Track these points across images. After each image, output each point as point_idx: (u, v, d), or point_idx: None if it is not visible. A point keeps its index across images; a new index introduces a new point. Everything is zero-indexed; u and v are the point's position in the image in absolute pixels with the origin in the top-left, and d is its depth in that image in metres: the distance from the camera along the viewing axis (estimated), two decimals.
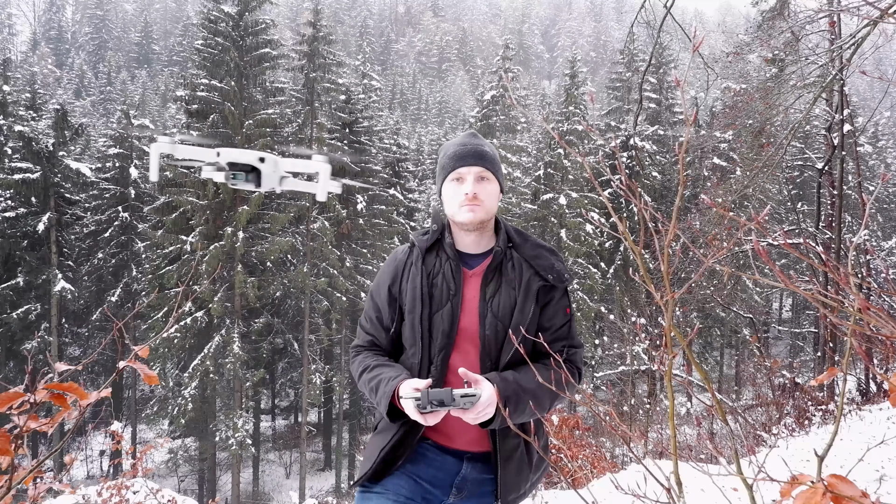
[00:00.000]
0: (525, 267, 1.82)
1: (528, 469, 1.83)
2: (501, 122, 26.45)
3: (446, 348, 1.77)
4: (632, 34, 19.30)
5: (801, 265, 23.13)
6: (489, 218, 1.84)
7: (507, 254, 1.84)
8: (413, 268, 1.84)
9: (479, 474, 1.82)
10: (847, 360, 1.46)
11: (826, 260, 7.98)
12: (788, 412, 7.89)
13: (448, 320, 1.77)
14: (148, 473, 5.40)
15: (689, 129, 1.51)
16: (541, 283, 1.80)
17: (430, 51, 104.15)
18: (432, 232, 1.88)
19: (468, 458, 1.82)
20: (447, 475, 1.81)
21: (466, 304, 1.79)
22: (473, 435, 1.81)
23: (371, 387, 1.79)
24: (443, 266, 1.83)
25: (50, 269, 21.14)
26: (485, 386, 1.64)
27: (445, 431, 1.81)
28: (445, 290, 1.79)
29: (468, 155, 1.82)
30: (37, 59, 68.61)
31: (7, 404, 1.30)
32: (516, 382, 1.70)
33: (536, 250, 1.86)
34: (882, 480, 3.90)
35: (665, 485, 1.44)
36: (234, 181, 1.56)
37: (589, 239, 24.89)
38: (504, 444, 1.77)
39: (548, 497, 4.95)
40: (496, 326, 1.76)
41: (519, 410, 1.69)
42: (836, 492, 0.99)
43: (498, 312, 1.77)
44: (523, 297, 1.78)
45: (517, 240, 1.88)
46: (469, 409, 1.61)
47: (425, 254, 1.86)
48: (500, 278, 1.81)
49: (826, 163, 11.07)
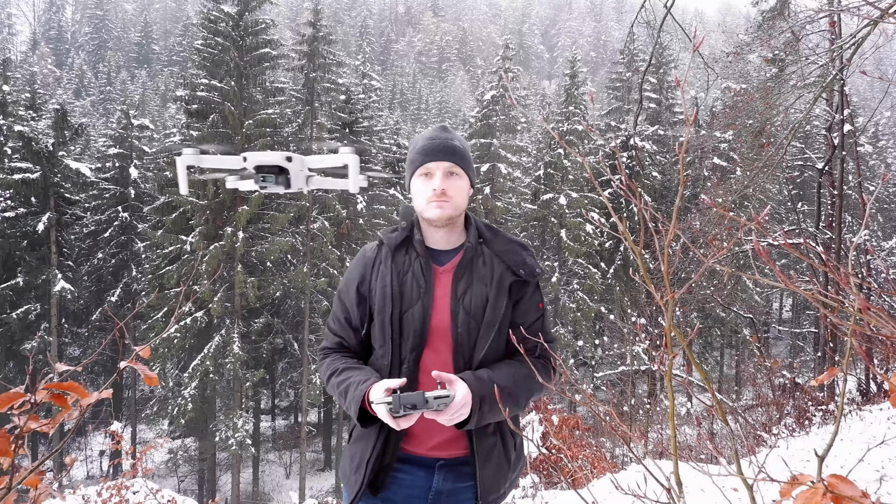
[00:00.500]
0: (497, 262, 1.78)
1: (506, 468, 1.79)
2: (501, 122, 26.44)
3: (418, 348, 1.71)
4: (632, 34, 19.30)
5: (801, 265, 23.14)
6: (458, 214, 1.81)
7: (478, 249, 1.80)
8: (382, 266, 1.79)
9: (454, 484, 1.76)
10: (847, 361, 1.46)
11: (826, 260, 7.99)
12: (789, 412, 7.89)
13: (419, 319, 1.71)
14: (148, 474, 5.40)
15: (689, 129, 1.51)
16: (513, 278, 1.77)
17: (430, 51, 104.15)
18: (401, 229, 1.84)
19: (440, 465, 1.76)
20: (420, 491, 1.75)
21: (438, 301, 1.74)
22: (447, 437, 1.75)
23: (340, 391, 1.72)
24: (412, 263, 1.78)
25: (50, 269, 21.13)
26: (459, 386, 1.60)
27: (418, 435, 1.75)
28: (416, 288, 1.74)
29: (437, 150, 1.76)
30: (36, 59, 68.61)
31: (7, 405, 1.29)
32: (491, 381, 1.65)
33: (508, 245, 1.82)
34: (882, 481, 3.90)
35: (665, 485, 1.44)
36: (264, 184, 1.53)
37: (589, 239, 24.89)
38: (481, 444, 1.73)
39: (548, 497, 4.95)
40: (468, 323, 1.71)
41: (495, 409, 1.64)
42: (837, 492, 0.99)
43: (470, 309, 1.72)
44: (496, 292, 1.74)
45: (488, 235, 1.84)
46: (443, 411, 1.56)
47: (395, 251, 1.81)
48: (471, 274, 1.76)
49: (826, 163, 11.08)
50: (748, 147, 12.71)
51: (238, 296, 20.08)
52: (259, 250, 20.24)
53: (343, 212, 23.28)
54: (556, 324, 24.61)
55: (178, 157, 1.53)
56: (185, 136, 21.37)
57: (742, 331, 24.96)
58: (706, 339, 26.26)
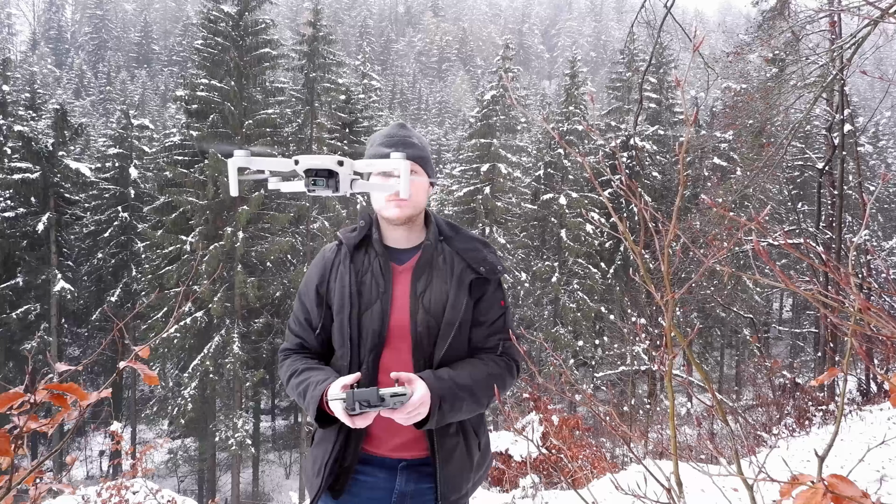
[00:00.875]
0: (457, 260, 1.76)
1: (469, 468, 1.76)
2: (501, 122, 26.45)
3: (377, 348, 1.69)
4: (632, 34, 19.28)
5: (801, 265, 23.13)
6: (418, 212, 1.79)
7: (437, 247, 1.78)
8: (341, 266, 1.77)
9: (417, 484, 1.74)
10: (847, 361, 1.46)
11: (826, 260, 7.98)
12: (789, 412, 7.89)
13: (378, 319, 1.69)
14: (147, 474, 5.40)
15: (689, 129, 1.51)
16: (473, 275, 1.74)
17: (430, 51, 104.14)
18: (360, 228, 1.82)
19: (402, 467, 1.74)
20: (383, 493, 1.73)
21: (397, 300, 1.72)
22: (408, 437, 1.73)
23: (299, 392, 1.70)
24: (371, 263, 1.76)
25: (49, 269, 21.14)
26: (417, 385, 1.58)
27: (378, 435, 1.73)
28: (374, 288, 1.72)
29: (394, 147, 1.73)
30: (36, 59, 68.61)
31: (7, 405, 1.29)
32: (451, 380, 1.63)
33: (469, 243, 1.80)
34: (883, 481, 3.90)
35: (665, 485, 1.44)
36: (314, 188, 1.55)
37: (589, 239, 24.89)
38: (443, 444, 1.70)
39: (548, 497, 4.95)
40: (428, 322, 1.69)
41: (455, 408, 1.62)
42: (837, 492, 0.99)
43: (430, 307, 1.70)
44: (456, 290, 1.72)
45: (448, 233, 1.82)
46: (399, 409, 1.53)
47: (354, 251, 1.79)
48: (431, 272, 1.74)
49: (826, 163, 11.08)
50: (748, 147, 12.72)
51: (238, 296, 20.08)
52: (259, 250, 20.23)
53: (343, 212, 23.29)
54: (556, 324, 24.62)
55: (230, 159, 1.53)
56: (185, 136, 21.38)
57: (742, 331, 24.97)
58: (706, 339, 26.26)
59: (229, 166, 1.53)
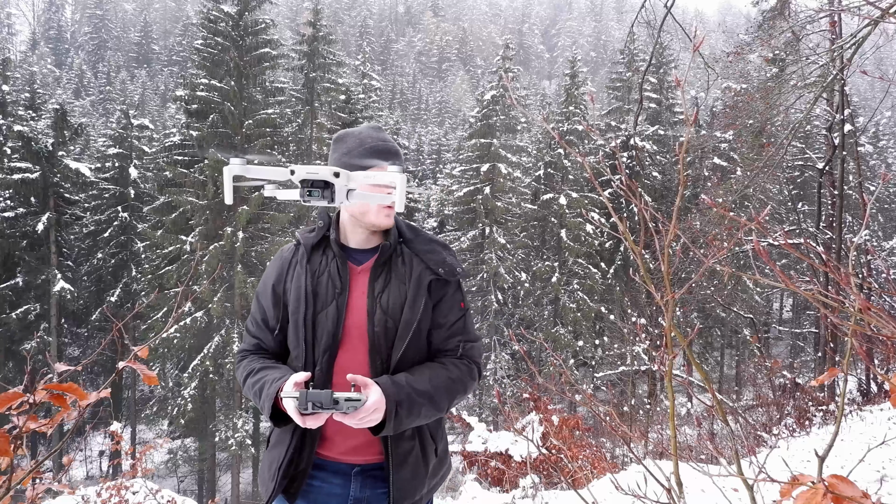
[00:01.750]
0: (416, 262, 1.75)
1: (423, 473, 1.73)
2: (501, 122, 26.46)
3: (331, 349, 1.67)
4: (632, 34, 19.28)
5: (801, 265, 23.13)
6: None
7: (397, 249, 1.77)
8: (298, 266, 1.76)
9: (371, 490, 1.72)
10: (848, 361, 1.46)
11: (827, 260, 7.98)
12: (789, 412, 7.89)
13: (333, 320, 1.68)
14: (147, 474, 5.40)
15: (689, 129, 1.51)
16: (432, 276, 1.73)
17: (430, 51, 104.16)
18: (318, 229, 1.80)
19: (356, 472, 1.71)
20: (338, 500, 1.71)
21: (354, 301, 1.71)
22: (362, 441, 1.70)
23: (255, 391, 1.68)
24: (329, 264, 1.75)
25: (49, 269, 21.14)
26: (373, 390, 1.55)
27: (332, 438, 1.71)
28: (331, 289, 1.71)
29: (387, 158, 1.73)
30: (36, 59, 68.62)
31: (6, 405, 1.29)
32: (409, 385, 1.61)
33: (428, 245, 1.79)
34: (883, 481, 3.90)
35: (665, 485, 1.44)
36: (309, 198, 1.55)
37: (589, 239, 24.89)
38: (397, 448, 1.68)
39: (548, 497, 4.95)
40: (385, 323, 1.67)
41: (413, 414, 1.60)
42: (837, 492, 0.98)
43: (388, 308, 1.68)
44: (414, 291, 1.70)
45: (408, 234, 1.80)
46: (352, 414, 1.51)
47: (311, 251, 1.78)
48: (389, 273, 1.73)
49: (827, 163, 11.08)
50: (748, 147, 12.72)
51: (238, 296, 20.08)
52: (259, 250, 20.23)
53: None
54: (555, 324, 24.62)
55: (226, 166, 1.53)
56: (185, 136, 21.38)
57: (742, 331, 24.97)
58: (706, 339, 26.26)
59: (224, 174, 1.53)
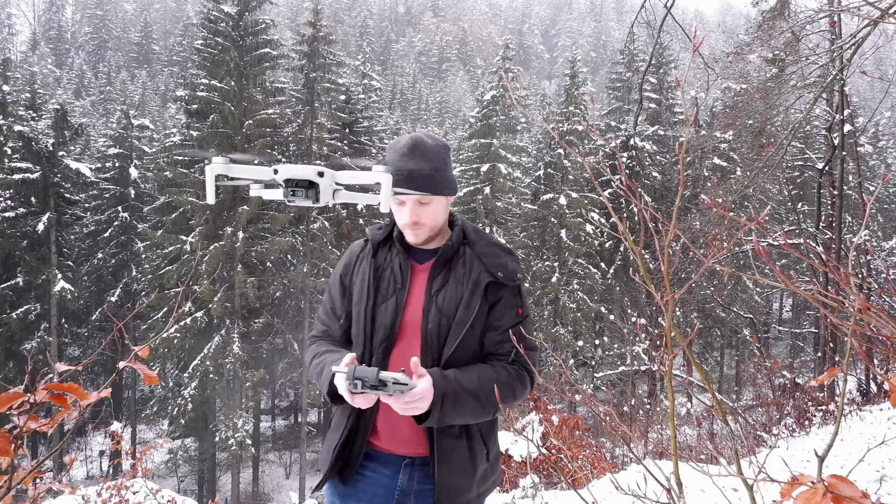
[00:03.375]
0: (476, 263, 1.79)
1: (471, 475, 1.75)
2: (501, 122, 26.44)
3: (387, 341, 1.74)
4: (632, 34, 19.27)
5: (801, 265, 23.13)
6: (436, 231, 1.83)
7: (459, 250, 1.81)
8: (364, 261, 1.85)
9: (419, 485, 1.75)
10: (847, 361, 1.46)
11: (826, 260, 7.98)
12: (789, 412, 7.89)
13: (391, 313, 1.75)
14: (147, 474, 5.40)
15: (689, 130, 1.51)
16: (490, 279, 1.76)
17: (430, 51, 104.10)
18: (385, 226, 1.87)
19: (406, 464, 1.76)
20: (386, 490, 1.76)
21: (412, 297, 1.78)
22: (409, 435, 1.75)
23: (317, 371, 1.79)
24: (392, 260, 1.83)
25: (50, 269, 21.13)
26: (424, 379, 1.60)
27: (383, 429, 1.78)
28: (392, 284, 1.79)
29: (404, 181, 1.72)
30: (36, 59, 68.54)
31: (7, 404, 1.29)
32: (456, 380, 1.65)
33: (490, 248, 1.83)
34: (882, 481, 3.90)
35: (665, 485, 1.44)
36: (293, 199, 1.56)
37: (589, 239, 24.89)
38: (441, 444, 1.71)
39: (548, 497, 4.95)
40: (439, 321, 1.72)
41: (458, 409, 1.63)
42: (837, 492, 0.99)
43: (443, 307, 1.73)
44: (470, 292, 1.74)
45: (472, 237, 1.85)
46: (398, 397, 1.55)
47: (378, 247, 1.86)
48: (447, 273, 1.78)
49: (826, 163, 11.08)
50: (748, 147, 12.72)
51: (238, 296, 20.08)
52: (259, 250, 20.23)
53: (343, 212, 23.29)
54: (555, 324, 24.61)
55: (208, 166, 1.52)
56: (185, 136, 21.38)
57: (742, 331, 24.96)
58: (706, 339, 26.26)
59: (206, 173, 1.52)
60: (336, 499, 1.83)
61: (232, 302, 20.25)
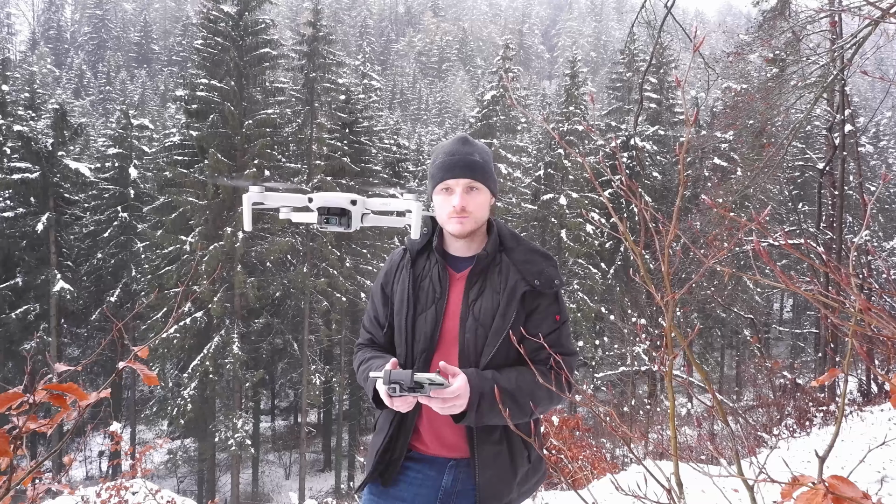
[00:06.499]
0: (513, 271, 1.79)
1: (510, 477, 1.77)
2: (501, 122, 26.44)
3: (427, 351, 1.78)
4: (632, 34, 19.29)
5: (802, 266, 23.12)
6: (479, 227, 1.84)
7: (496, 258, 1.82)
8: (404, 271, 1.87)
9: (463, 485, 1.78)
10: (848, 361, 1.45)
11: (827, 260, 7.98)
12: (789, 413, 7.89)
13: (431, 323, 1.78)
14: (147, 474, 5.39)
15: (689, 130, 1.51)
16: (526, 287, 1.76)
17: (430, 51, 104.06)
18: (423, 236, 1.87)
19: (451, 465, 1.79)
20: (430, 490, 1.79)
21: (450, 307, 1.80)
22: (451, 438, 1.78)
23: (363, 377, 1.83)
24: (431, 269, 1.84)
25: (49, 270, 21.12)
26: (459, 378, 1.61)
27: (423, 433, 1.82)
28: (431, 293, 1.81)
29: (456, 166, 1.77)
30: (36, 59, 68.52)
31: (6, 405, 1.29)
32: (493, 381, 1.66)
33: (528, 255, 1.83)
34: (883, 482, 3.90)
35: (665, 486, 1.44)
36: (326, 225, 1.59)
37: (589, 239, 24.88)
38: (482, 447, 1.74)
39: (548, 497, 4.95)
40: (476, 330, 1.74)
41: (494, 410, 1.63)
42: (838, 493, 0.98)
43: (479, 316, 1.75)
44: (506, 301, 1.75)
45: (510, 244, 1.85)
46: (435, 394, 1.57)
47: (416, 257, 1.88)
48: (484, 282, 1.79)
49: (827, 163, 11.08)
50: (749, 147, 12.72)
51: (238, 296, 20.07)
52: (259, 250, 20.22)
53: None
54: None
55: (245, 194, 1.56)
56: (185, 136, 21.37)
57: (742, 331, 24.96)
58: (706, 339, 26.26)
59: (244, 201, 1.56)
60: (378, 498, 1.84)
61: (232, 302, 20.24)
